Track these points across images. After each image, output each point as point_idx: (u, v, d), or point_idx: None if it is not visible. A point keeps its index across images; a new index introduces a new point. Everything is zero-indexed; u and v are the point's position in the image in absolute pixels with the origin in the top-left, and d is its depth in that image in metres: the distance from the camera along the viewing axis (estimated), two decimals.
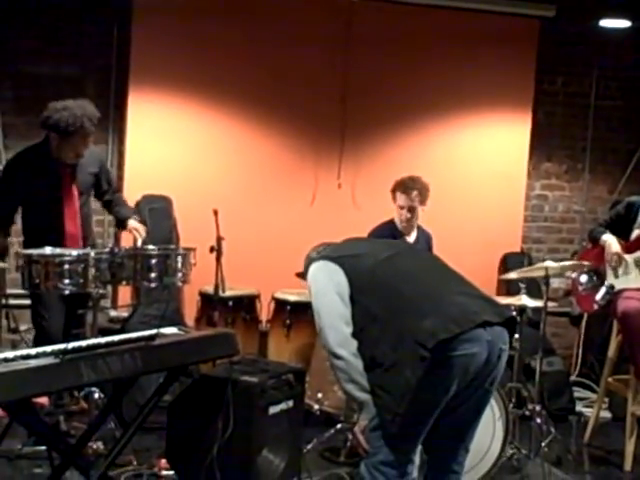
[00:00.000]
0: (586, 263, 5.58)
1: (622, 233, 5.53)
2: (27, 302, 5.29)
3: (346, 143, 6.99)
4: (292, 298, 6.19)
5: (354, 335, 3.49)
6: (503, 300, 5.48)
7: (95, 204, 5.59)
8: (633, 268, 5.43)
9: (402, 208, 5.75)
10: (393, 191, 5.78)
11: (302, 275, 5.45)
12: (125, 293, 6.44)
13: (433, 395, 3.37)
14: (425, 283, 3.58)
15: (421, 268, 3.69)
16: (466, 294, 3.54)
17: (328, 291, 3.58)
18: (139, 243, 5.13)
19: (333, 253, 3.78)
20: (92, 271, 4.62)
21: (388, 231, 5.80)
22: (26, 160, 5.08)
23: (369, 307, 3.49)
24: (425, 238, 6.01)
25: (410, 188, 5.71)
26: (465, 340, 3.34)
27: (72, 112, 4.86)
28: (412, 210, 5.73)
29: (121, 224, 5.41)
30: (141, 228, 5.24)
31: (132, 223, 5.28)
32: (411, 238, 5.91)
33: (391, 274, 3.57)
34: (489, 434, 4.74)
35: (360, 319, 3.50)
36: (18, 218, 5.22)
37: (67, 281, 4.57)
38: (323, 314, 3.59)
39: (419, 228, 5.94)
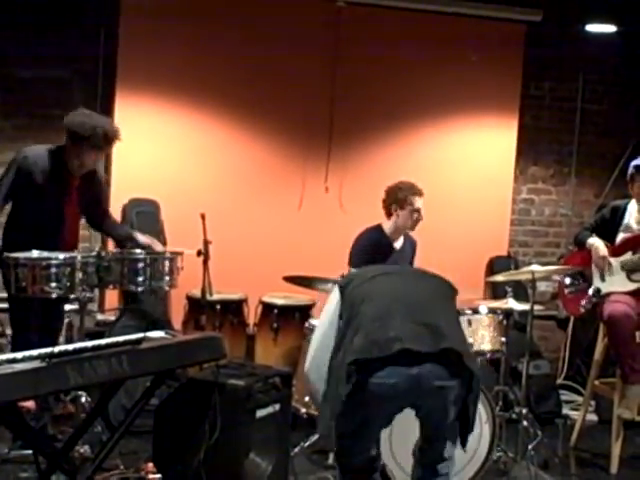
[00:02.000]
0: (572, 267, 5.60)
1: (607, 237, 5.55)
2: None
3: (333, 147, 7.00)
4: (279, 302, 6.20)
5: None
6: (490, 304, 5.50)
7: None
8: (619, 272, 5.45)
9: (417, 211, 5.73)
10: (405, 196, 5.73)
11: (290, 279, 5.48)
12: (112, 297, 6.43)
13: (356, 416, 3.55)
14: (382, 303, 3.66)
15: (392, 289, 3.74)
16: (414, 320, 3.57)
17: (324, 320, 3.88)
18: (159, 248, 5.15)
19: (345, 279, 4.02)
20: (79, 275, 4.61)
21: (376, 237, 5.80)
22: (42, 157, 5.03)
23: (341, 324, 3.74)
24: (411, 244, 6.02)
25: (418, 189, 5.73)
26: (384, 367, 3.46)
27: (91, 121, 4.86)
28: (422, 210, 5.75)
29: (123, 240, 5.33)
30: (155, 241, 5.27)
31: (142, 237, 5.26)
32: (398, 244, 5.92)
33: (363, 292, 3.73)
34: (476, 437, 4.74)
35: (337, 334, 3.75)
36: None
37: (54, 284, 4.55)
38: (313, 339, 3.93)
39: (405, 234, 5.95)
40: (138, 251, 4.98)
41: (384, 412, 3.65)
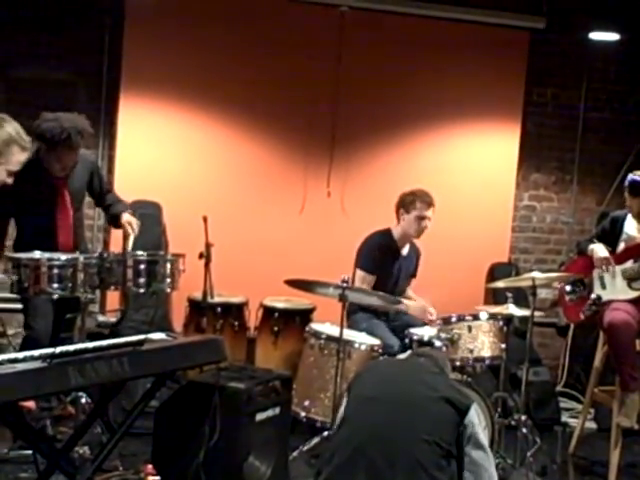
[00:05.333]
0: (573, 274, 5.61)
1: (609, 247, 5.56)
2: (15, 306, 5.30)
3: (336, 151, 7.01)
4: (280, 305, 6.20)
5: None
6: (491, 310, 5.51)
7: (86, 211, 5.59)
8: (620, 279, 5.46)
9: (422, 219, 5.76)
10: (412, 201, 5.76)
11: (291, 283, 5.49)
12: (113, 298, 6.44)
13: None
14: (349, 451, 3.46)
15: (369, 434, 3.49)
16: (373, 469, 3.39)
17: None
18: (131, 239, 5.12)
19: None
20: (81, 276, 4.62)
21: (384, 240, 5.84)
22: (21, 170, 5.04)
23: None
24: (415, 252, 6.08)
25: (431, 200, 5.76)
26: None
27: (60, 123, 4.87)
28: (429, 221, 5.77)
29: (114, 220, 5.36)
30: (134, 222, 5.21)
31: (125, 217, 5.22)
32: (405, 251, 5.96)
33: (349, 411, 3.62)
34: None
35: None
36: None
37: (56, 285, 4.56)
38: None
39: (411, 242, 5.99)
40: (140, 252, 4.98)
41: None
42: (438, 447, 3.39)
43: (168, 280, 5.00)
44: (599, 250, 5.53)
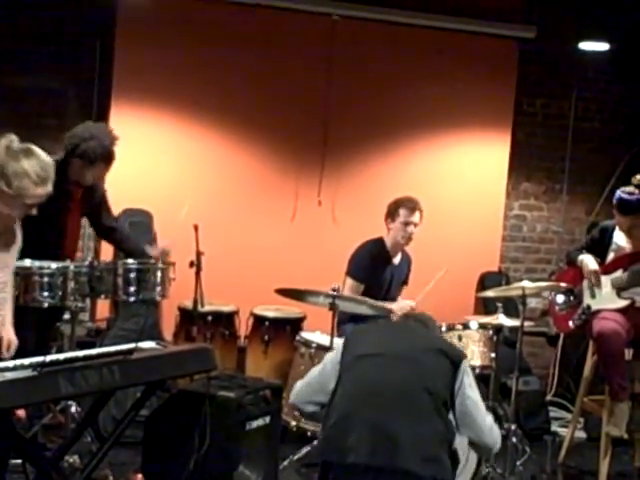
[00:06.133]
0: (563, 284, 5.63)
1: (598, 257, 5.58)
2: None
3: (327, 160, 7.02)
4: (271, 314, 6.21)
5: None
6: (481, 319, 5.52)
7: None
8: (609, 289, 5.48)
9: (407, 225, 5.78)
10: (396, 208, 5.79)
11: (281, 292, 5.49)
12: (103, 306, 6.43)
13: None
14: (351, 399, 3.63)
15: (370, 380, 3.67)
16: (376, 428, 3.51)
17: (325, 361, 3.93)
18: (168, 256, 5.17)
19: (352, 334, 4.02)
20: (71, 284, 4.62)
21: (377, 249, 5.85)
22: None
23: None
24: (407, 261, 6.09)
25: (415, 205, 5.77)
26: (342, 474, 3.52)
27: (100, 142, 4.87)
28: (415, 227, 5.78)
29: (132, 255, 5.26)
30: (161, 250, 5.26)
31: (153, 251, 5.26)
32: (397, 259, 5.97)
33: (345, 368, 3.73)
34: (464, 453, 4.75)
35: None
36: None
37: (46, 294, 4.56)
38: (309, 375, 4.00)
39: (402, 250, 6.00)
40: (130, 261, 4.98)
41: None
42: (437, 397, 3.59)
43: (158, 288, 5.01)
44: (589, 262, 5.54)
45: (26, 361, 3.45)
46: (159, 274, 5.02)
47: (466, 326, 5.34)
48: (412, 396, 3.58)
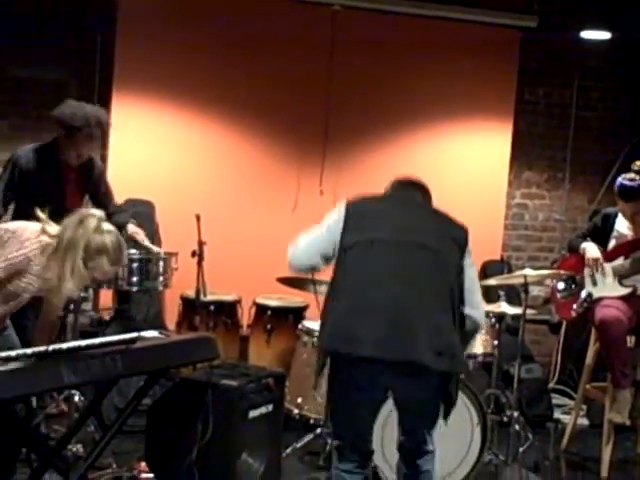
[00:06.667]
0: (564, 272, 5.63)
1: (600, 244, 5.58)
2: None
3: (328, 149, 7.02)
4: (273, 303, 6.21)
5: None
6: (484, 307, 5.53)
7: None
8: (611, 276, 5.48)
9: None
10: None
11: (283, 281, 5.50)
12: (106, 296, 6.44)
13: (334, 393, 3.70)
14: (363, 286, 3.62)
15: (388, 269, 3.67)
16: (388, 320, 3.53)
17: (321, 225, 3.90)
18: (146, 242, 5.16)
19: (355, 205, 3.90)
20: None
21: None
22: (34, 155, 5.04)
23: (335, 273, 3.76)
24: None
25: None
26: (350, 363, 3.54)
27: (83, 111, 4.89)
28: None
29: (118, 230, 5.35)
30: (140, 233, 5.24)
31: (131, 228, 5.25)
32: None
33: (356, 252, 3.70)
34: (467, 440, 4.77)
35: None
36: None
37: None
38: (309, 233, 3.93)
39: None
40: (133, 251, 5.00)
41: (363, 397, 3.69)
42: (453, 289, 3.70)
43: (161, 278, 5.03)
44: (591, 250, 5.55)
45: (29, 350, 3.47)
46: (161, 264, 5.03)
47: None
48: (428, 287, 3.63)
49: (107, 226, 3.86)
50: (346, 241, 3.74)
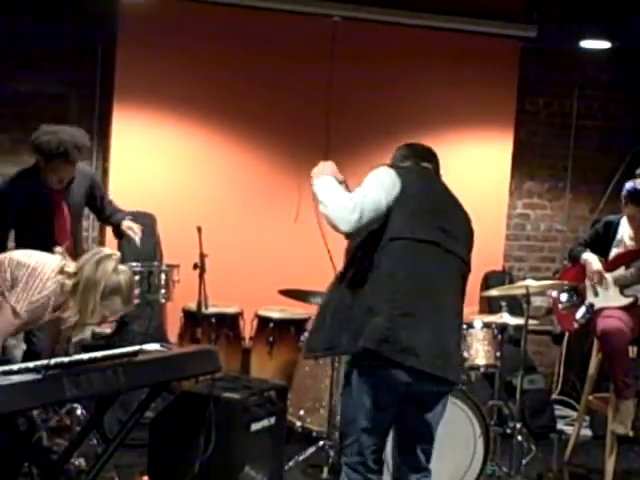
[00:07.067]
0: (566, 282, 5.62)
1: (601, 252, 5.57)
2: None
3: (329, 160, 6.99)
4: (275, 315, 6.21)
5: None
6: (485, 318, 5.53)
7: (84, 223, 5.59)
8: (612, 287, 5.47)
9: None
10: None
11: (285, 293, 5.49)
12: None
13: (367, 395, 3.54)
14: (414, 291, 3.59)
15: (437, 277, 3.73)
16: (435, 337, 3.53)
17: (379, 190, 3.74)
18: (137, 241, 5.13)
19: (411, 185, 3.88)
20: None
21: None
22: (17, 184, 5.05)
23: (383, 259, 3.67)
24: None
25: None
26: (389, 366, 3.45)
27: (58, 137, 4.84)
28: None
29: (117, 229, 5.34)
30: (135, 227, 5.21)
31: (126, 223, 5.21)
32: None
33: (410, 262, 3.65)
34: (470, 452, 4.77)
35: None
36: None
37: None
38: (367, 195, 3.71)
39: None
40: (134, 264, 4.99)
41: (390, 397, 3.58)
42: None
43: (162, 291, 5.02)
44: (592, 261, 5.54)
45: (31, 364, 3.47)
46: (163, 276, 5.03)
47: (470, 325, 5.34)
48: (454, 304, 3.79)
49: (122, 267, 3.93)
50: (397, 228, 3.67)
